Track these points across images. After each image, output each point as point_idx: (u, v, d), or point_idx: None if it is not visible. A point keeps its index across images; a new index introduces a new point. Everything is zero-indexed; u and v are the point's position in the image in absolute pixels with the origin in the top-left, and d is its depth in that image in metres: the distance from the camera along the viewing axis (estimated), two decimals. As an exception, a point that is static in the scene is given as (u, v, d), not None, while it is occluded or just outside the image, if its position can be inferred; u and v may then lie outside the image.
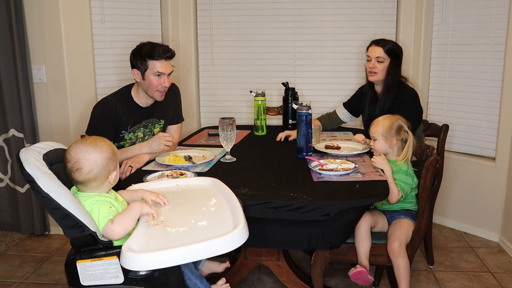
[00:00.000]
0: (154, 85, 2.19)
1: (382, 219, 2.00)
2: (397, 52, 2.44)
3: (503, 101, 2.66)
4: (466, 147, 2.91)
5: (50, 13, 2.70)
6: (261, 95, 2.75)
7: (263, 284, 2.32)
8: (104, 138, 1.51)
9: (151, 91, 2.21)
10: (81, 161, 1.42)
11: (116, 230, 1.37)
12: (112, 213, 1.42)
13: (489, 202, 2.80)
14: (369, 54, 2.48)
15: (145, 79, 2.19)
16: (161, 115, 2.37)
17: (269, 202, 1.62)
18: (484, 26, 2.73)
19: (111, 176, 1.47)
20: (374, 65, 2.44)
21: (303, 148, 2.14)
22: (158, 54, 2.15)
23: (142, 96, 2.28)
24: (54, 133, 2.86)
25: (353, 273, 1.84)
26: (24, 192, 2.89)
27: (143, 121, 2.30)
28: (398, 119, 2.00)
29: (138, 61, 2.18)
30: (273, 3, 3.21)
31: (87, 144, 1.45)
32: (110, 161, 1.46)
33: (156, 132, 2.36)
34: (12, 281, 2.42)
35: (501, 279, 2.36)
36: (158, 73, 2.17)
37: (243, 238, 1.31)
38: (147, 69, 2.17)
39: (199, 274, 1.60)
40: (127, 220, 1.39)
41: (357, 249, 1.88)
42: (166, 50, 2.18)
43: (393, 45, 2.45)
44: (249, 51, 3.29)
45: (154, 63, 2.16)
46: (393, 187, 1.87)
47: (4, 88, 2.75)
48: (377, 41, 2.47)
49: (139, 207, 1.43)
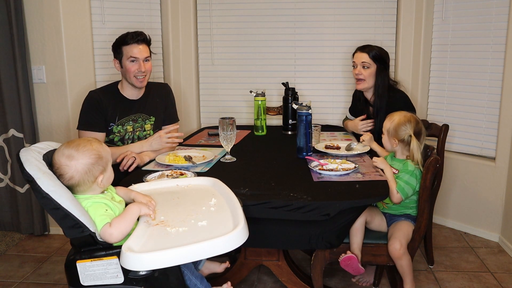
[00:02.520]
0: (131, 71, 2.22)
1: (379, 217, 2.00)
2: (383, 57, 2.44)
3: (503, 101, 2.66)
4: (466, 147, 2.91)
5: (50, 13, 2.70)
6: (261, 95, 2.75)
7: (263, 284, 2.32)
8: (92, 140, 1.46)
9: (129, 77, 2.24)
10: (63, 167, 1.40)
11: (114, 233, 1.36)
12: (109, 215, 1.41)
13: (489, 202, 2.80)
14: (355, 60, 2.49)
15: (123, 67, 2.24)
16: (151, 112, 2.38)
17: (269, 202, 1.62)
18: (484, 26, 2.73)
19: (98, 179, 1.44)
20: (360, 72, 2.45)
21: (303, 148, 2.14)
22: (130, 38, 2.20)
23: (128, 88, 2.30)
24: (54, 133, 2.86)
25: (343, 258, 1.82)
26: (24, 192, 2.89)
27: (131, 114, 2.31)
28: (408, 121, 1.94)
29: (116, 51, 2.24)
30: (273, 3, 3.21)
31: (70, 148, 1.41)
32: (93, 166, 1.42)
33: (148, 129, 2.37)
34: (12, 281, 2.42)
35: (501, 279, 2.36)
36: (132, 58, 2.20)
37: (243, 238, 1.31)
38: (123, 55, 2.22)
39: (199, 274, 1.60)
40: (125, 224, 1.39)
41: (350, 240, 1.88)
42: (138, 34, 2.22)
43: (379, 50, 2.45)
44: (249, 51, 3.29)
45: (127, 49, 2.21)
46: (391, 185, 1.86)
47: (4, 88, 2.75)
48: (362, 47, 2.49)
49: (136, 209, 1.43)
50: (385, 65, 2.45)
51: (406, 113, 1.98)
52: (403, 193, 1.88)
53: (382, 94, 2.43)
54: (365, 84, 2.46)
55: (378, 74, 2.43)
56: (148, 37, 2.27)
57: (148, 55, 2.26)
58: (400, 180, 1.89)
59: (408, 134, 1.92)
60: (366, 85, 2.46)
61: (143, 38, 2.23)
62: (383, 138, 2.02)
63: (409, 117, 1.96)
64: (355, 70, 2.48)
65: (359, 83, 2.48)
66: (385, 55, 2.47)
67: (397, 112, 2.01)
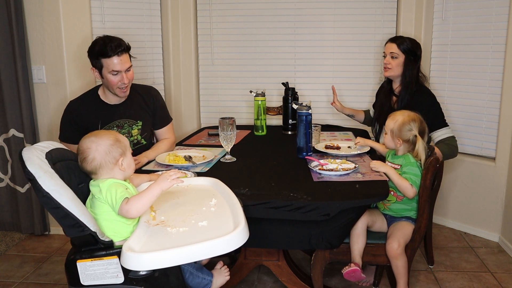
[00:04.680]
0: (113, 83, 2.14)
1: (381, 219, 2.00)
2: (412, 49, 2.43)
3: (503, 101, 2.66)
4: (466, 147, 2.91)
5: (50, 13, 2.70)
6: (261, 95, 2.75)
7: (263, 284, 2.32)
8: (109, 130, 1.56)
9: (112, 89, 2.17)
10: (85, 151, 1.48)
11: (130, 210, 1.39)
12: (129, 194, 1.44)
13: (489, 202, 2.80)
14: (385, 51, 2.50)
15: (104, 77, 2.15)
16: (137, 116, 2.30)
17: (269, 202, 1.63)
18: (484, 26, 2.73)
19: (119, 162, 1.49)
20: (388, 61, 2.46)
21: (303, 148, 2.14)
22: (111, 50, 2.06)
23: (109, 94, 2.24)
24: (54, 133, 2.85)
25: (346, 271, 1.85)
26: (24, 192, 2.89)
27: (115, 120, 2.24)
28: (412, 120, 1.92)
29: (94, 60, 2.13)
30: (273, 3, 3.21)
31: (91, 135, 1.51)
32: (112, 147, 1.49)
33: (135, 134, 2.29)
34: (12, 281, 2.42)
35: (501, 279, 2.36)
36: (113, 71, 2.10)
37: (244, 238, 1.31)
38: (103, 67, 2.11)
39: (199, 265, 1.61)
40: (143, 201, 1.40)
41: (351, 246, 1.88)
42: (118, 45, 2.08)
43: (409, 42, 2.44)
44: (249, 51, 3.29)
45: (107, 61, 2.08)
46: (402, 183, 1.85)
47: (4, 88, 2.75)
48: (393, 38, 2.49)
49: (157, 188, 1.42)
50: (415, 57, 2.44)
51: (409, 112, 1.97)
52: (416, 185, 1.86)
53: (409, 85, 2.42)
54: (391, 72, 2.46)
55: (406, 65, 2.43)
56: (127, 44, 2.15)
57: (129, 64, 2.15)
58: (408, 174, 1.88)
59: (414, 134, 1.91)
60: (392, 73, 2.46)
61: (123, 48, 2.11)
62: (386, 137, 2.00)
63: (413, 117, 1.94)
64: (384, 60, 2.49)
65: (386, 70, 2.48)
66: (416, 47, 2.45)
67: (400, 111, 2.01)
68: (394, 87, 2.54)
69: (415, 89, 2.42)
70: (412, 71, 2.43)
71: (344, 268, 1.86)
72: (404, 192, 1.87)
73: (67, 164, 1.51)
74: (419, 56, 2.46)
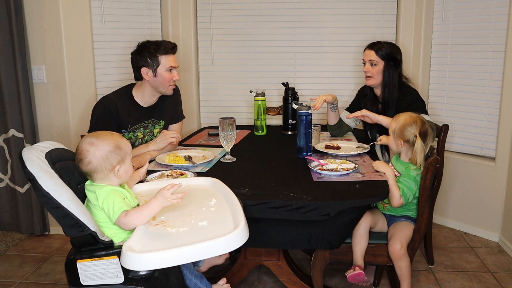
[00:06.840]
0: (167, 80, 2.24)
1: (382, 219, 2.00)
2: (391, 54, 2.38)
3: (503, 101, 2.66)
4: (466, 147, 2.91)
5: (50, 13, 2.70)
6: (261, 95, 2.75)
7: (263, 284, 2.32)
8: (114, 133, 1.52)
9: (164, 86, 2.25)
10: (83, 152, 1.45)
11: (128, 224, 1.38)
12: (127, 204, 1.43)
13: (489, 202, 2.80)
14: (364, 58, 2.47)
15: (157, 76, 2.22)
16: (161, 116, 2.38)
17: (269, 202, 1.63)
18: (484, 26, 2.73)
19: (115, 169, 1.47)
20: (368, 69, 2.42)
21: (303, 148, 2.14)
22: (169, 48, 2.23)
23: (146, 96, 2.28)
24: (54, 133, 2.86)
25: (351, 275, 1.86)
26: (24, 192, 2.89)
27: (143, 121, 2.30)
28: (413, 121, 1.92)
29: (148, 59, 2.20)
30: (273, 3, 3.21)
31: (92, 136, 1.48)
32: (111, 154, 1.46)
33: (156, 132, 2.36)
34: (12, 281, 2.42)
35: (501, 279, 2.36)
36: (170, 67, 2.23)
37: (244, 238, 1.31)
38: (159, 65, 2.21)
39: (199, 274, 1.60)
40: (141, 217, 1.39)
41: (354, 247, 1.88)
42: (173, 45, 2.26)
43: (388, 47, 2.39)
44: (249, 51, 3.29)
45: (167, 59, 2.22)
46: (394, 190, 1.85)
47: (4, 88, 2.75)
48: (370, 45, 2.44)
49: (158, 205, 1.39)
50: (394, 62, 2.41)
51: (412, 114, 1.96)
52: (405, 198, 1.87)
53: (391, 90, 2.39)
54: (373, 81, 2.43)
55: (386, 71, 2.40)
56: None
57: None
58: (402, 184, 1.88)
59: (414, 134, 1.90)
60: (374, 82, 2.43)
61: (177, 49, 2.30)
62: (389, 139, 2.01)
63: (415, 118, 1.94)
64: (364, 67, 2.47)
65: (368, 79, 2.46)
66: (395, 52, 2.40)
67: (403, 113, 1.99)
68: (378, 94, 2.50)
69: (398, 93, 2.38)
70: (393, 76, 2.38)
71: (348, 271, 1.86)
72: (391, 198, 1.87)
73: (66, 164, 1.50)
74: (399, 61, 2.41)
